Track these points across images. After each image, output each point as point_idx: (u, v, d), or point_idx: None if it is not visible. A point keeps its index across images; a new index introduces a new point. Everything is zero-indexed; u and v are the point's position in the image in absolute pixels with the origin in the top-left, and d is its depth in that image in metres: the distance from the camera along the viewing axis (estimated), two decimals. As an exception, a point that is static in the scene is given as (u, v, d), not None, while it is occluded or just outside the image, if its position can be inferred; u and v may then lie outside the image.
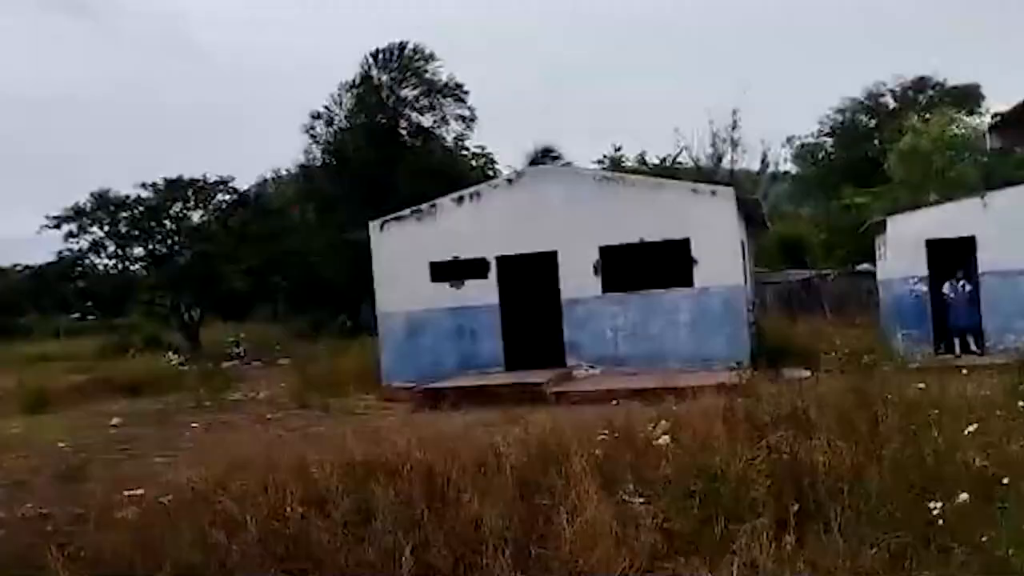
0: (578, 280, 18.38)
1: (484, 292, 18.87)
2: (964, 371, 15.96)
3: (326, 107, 50.73)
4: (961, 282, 18.34)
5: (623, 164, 45.80)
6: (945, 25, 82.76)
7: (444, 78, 50.15)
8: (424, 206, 19.40)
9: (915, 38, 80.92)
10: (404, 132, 50.76)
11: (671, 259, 17.94)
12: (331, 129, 50.81)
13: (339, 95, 50.63)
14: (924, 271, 18.34)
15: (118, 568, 5.90)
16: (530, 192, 18.71)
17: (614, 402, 15.49)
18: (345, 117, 50.66)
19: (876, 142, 47.49)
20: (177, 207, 39.34)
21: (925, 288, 18.35)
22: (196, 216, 39.20)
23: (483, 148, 50.11)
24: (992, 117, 16.89)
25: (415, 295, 19.16)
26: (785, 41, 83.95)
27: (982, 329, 18.19)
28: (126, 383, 22.90)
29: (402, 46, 50.85)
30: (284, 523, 6.19)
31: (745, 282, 19.08)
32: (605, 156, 48.74)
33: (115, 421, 16.70)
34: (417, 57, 50.59)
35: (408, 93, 50.83)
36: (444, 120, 50.75)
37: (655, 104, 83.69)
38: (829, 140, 50.64)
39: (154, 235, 38.70)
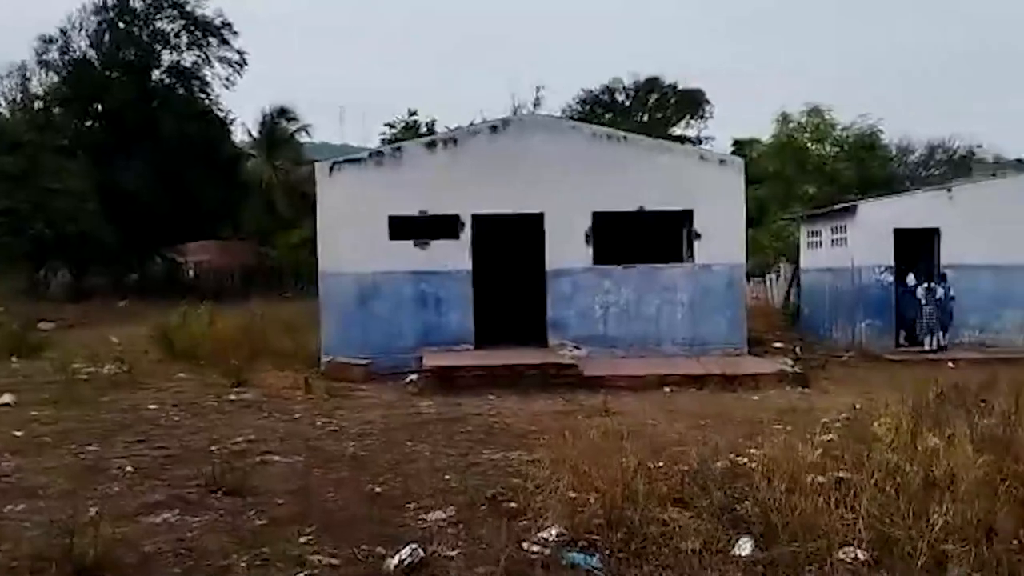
0: (566, 248, 16.14)
1: (455, 255, 15.97)
2: (951, 364, 16.15)
3: (62, 31, 43.08)
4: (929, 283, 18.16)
5: (418, 132, 42.98)
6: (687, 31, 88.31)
7: (210, 14, 44.34)
8: (386, 149, 16.11)
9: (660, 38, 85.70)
10: (161, 71, 44.47)
11: (671, 231, 16.33)
12: (67, 57, 43.33)
13: (79, 19, 43.18)
14: (891, 260, 18.17)
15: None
16: (516, 144, 16.07)
17: (667, 389, 13.63)
18: (87, 46, 43.41)
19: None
20: None
21: (892, 278, 18.20)
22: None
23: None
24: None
25: (369, 254, 15.78)
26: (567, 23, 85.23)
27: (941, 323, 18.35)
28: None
29: (158, -30, 44.30)
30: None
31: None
32: (398, 119, 45.71)
33: (5, 399, 12.00)
34: (177, -15, 44.32)
35: (166, 26, 44.55)
36: (208, 61, 45.15)
37: (445, 74, 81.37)
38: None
39: None
